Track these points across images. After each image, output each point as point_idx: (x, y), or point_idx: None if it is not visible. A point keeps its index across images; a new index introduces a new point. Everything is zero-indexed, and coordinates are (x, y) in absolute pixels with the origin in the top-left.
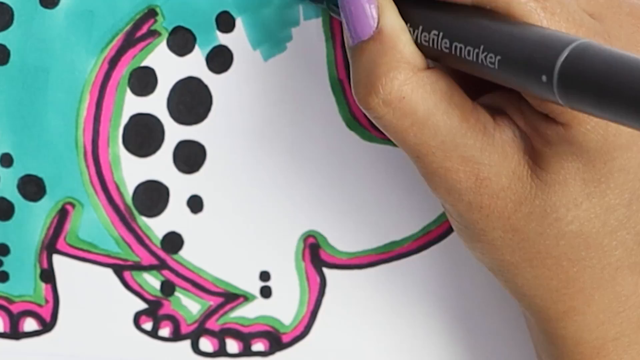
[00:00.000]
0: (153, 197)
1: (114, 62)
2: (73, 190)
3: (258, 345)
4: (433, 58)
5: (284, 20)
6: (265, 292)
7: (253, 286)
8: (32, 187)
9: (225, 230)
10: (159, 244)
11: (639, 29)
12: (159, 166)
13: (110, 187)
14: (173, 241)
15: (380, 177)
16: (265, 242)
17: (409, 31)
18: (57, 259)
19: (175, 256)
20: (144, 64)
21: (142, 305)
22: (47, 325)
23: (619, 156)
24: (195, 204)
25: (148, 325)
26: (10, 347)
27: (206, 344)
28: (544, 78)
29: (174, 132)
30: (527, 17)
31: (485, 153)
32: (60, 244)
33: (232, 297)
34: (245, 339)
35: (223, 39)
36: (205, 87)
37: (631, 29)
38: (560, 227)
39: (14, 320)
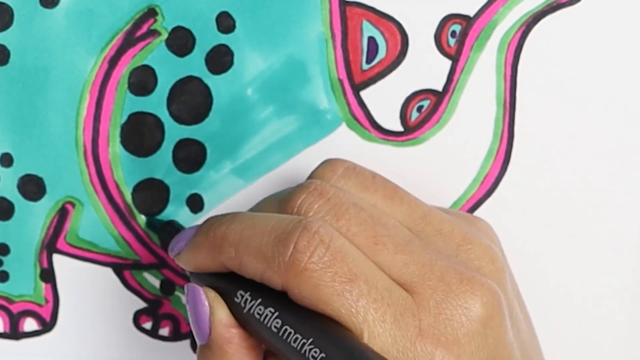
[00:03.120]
0: (153, 196)
1: (113, 61)
2: (73, 189)
3: None
4: (251, 332)
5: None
6: None
7: None
8: (32, 187)
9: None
10: (158, 243)
11: (447, 297)
12: (159, 165)
13: (110, 187)
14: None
15: None
16: None
17: (247, 299)
18: (57, 258)
19: None
20: (143, 63)
21: (142, 305)
22: (47, 325)
23: None
24: (195, 203)
25: (148, 325)
26: (10, 347)
27: None
28: None
29: (174, 131)
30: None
31: None
32: (60, 244)
33: None
34: None
35: (223, 39)
36: (206, 86)
37: (441, 295)
38: None
39: (14, 320)
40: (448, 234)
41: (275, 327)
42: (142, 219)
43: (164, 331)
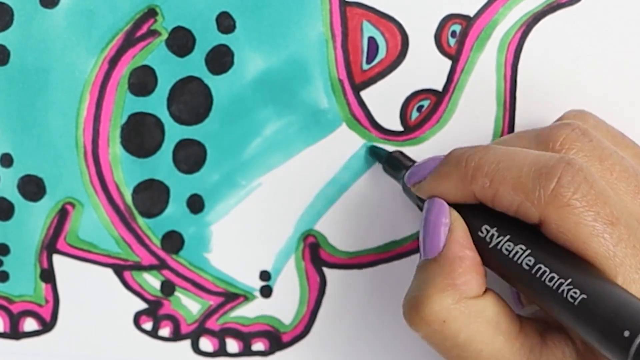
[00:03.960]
0: (153, 196)
1: (114, 61)
2: (73, 190)
3: (258, 345)
4: (499, 270)
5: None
6: (265, 292)
7: (253, 286)
8: (32, 187)
9: (225, 230)
10: (159, 244)
11: None
12: (159, 166)
13: (110, 187)
14: (173, 241)
15: (381, 177)
16: (265, 241)
17: (494, 235)
18: (57, 258)
19: (175, 256)
20: (144, 63)
21: (142, 305)
22: (47, 325)
23: None
24: (195, 204)
25: (148, 325)
26: (10, 347)
27: (206, 344)
28: (626, 333)
29: (174, 132)
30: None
31: None
32: (61, 244)
33: (232, 297)
34: (245, 338)
35: (223, 39)
36: (206, 87)
37: None
38: None
39: (14, 320)
40: None
41: (528, 264)
42: (141, 220)
43: (164, 332)
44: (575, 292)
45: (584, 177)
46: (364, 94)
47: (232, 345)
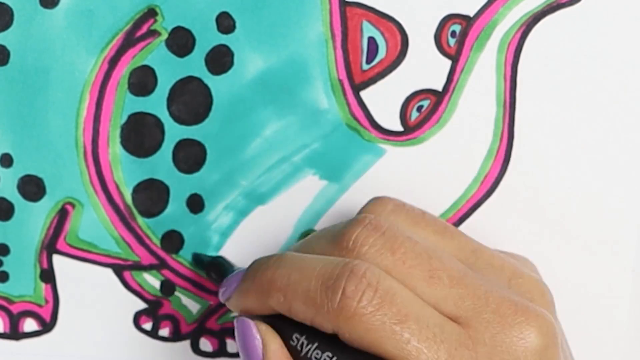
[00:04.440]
0: (153, 196)
1: (113, 61)
2: (73, 190)
3: None
4: None
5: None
6: None
7: None
8: (32, 187)
9: (225, 230)
10: (158, 244)
11: (503, 328)
12: (159, 166)
13: (110, 187)
14: (173, 241)
15: (381, 177)
16: (265, 241)
17: (303, 343)
18: (57, 259)
19: (175, 256)
20: (143, 63)
21: (142, 305)
22: (47, 325)
23: None
24: (195, 203)
25: (148, 325)
26: (10, 347)
27: (206, 344)
28: None
29: (174, 132)
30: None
31: None
32: (60, 244)
33: None
34: None
35: (223, 39)
36: (206, 87)
37: (497, 328)
38: None
39: (14, 321)
40: (499, 267)
41: None
42: (141, 220)
43: (164, 332)
44: None
45: (368, 283)
46: (363, 94)
47: (232, 346)
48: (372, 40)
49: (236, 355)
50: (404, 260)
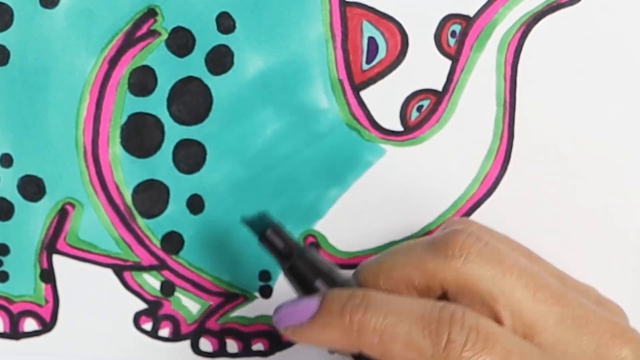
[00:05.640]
0: (153, 197)
1: (113, 62)
2: (73, 190)
3: (258, 345)
4: None
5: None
6: (265, 292)
7: (253, 286)
8: (32, 187)
9: (225, 231)
10: (158, 244)
11: (602, 349)
12: (159, 166)
13: (110, 187)
14: (173, 241)
15: (381, 177)
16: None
17: None
18: (57, 259)
19: (175, 256)
20: (143, 64)
21: (142, 306)
22: (47, 325)
23: None
24: (195, 204)
25: (148, 326)
26: (10, 347)
27: (206, 344)
28: None
29: (174, 132)
30: None
31: None
32: (60, 244)
33: (232, 297)
34: (245, 338)
35: (223, 39)
36: (206, 87)
37: (596, 352)
38: None
39: (14, 320)
40: (584, 292)
41: None
42: (141, 221)
43: (164, 332)
44: None
45: (470, 327)
46: (363, 94)
47: (232, 346)
48: (372, 40)
49: (236, 355)
50: (511, 271)
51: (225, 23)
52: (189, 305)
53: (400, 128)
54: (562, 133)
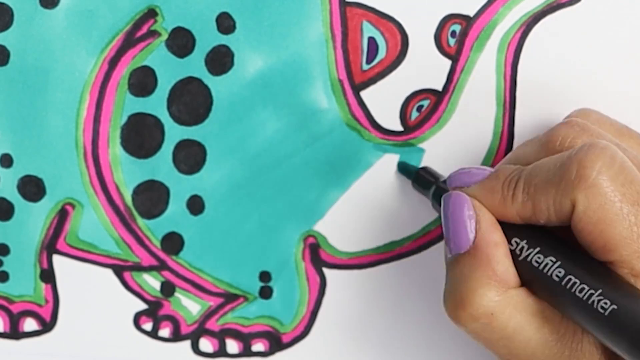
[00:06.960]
0: (153, 197)
1: (113, 62)
2: (73, 190)
3: (258, 346)
4: (528, 282)
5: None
6: (265, 292)
7: (253, 286)
8: (32, 188)
9: (225, 231)
10: (159, 245)
11: None
12: (159, 166)
13: (110, 188)
14: (173, 242)
15: (381, 177)
16: (265, 242)
17: (524, 247)
18: (57, 259)
19: (175, 257)
20: (143, 64)
21: (142, 306)
22: (47, 325)
23: None
24: (195, 204)
25: (148, 326)
26: (10, 347)
27: (206, 344)
28: None
29: (174, 132)
30: None
31: (573, 359)
32: (60, 244)
33: (232, 298)
34: (245, 339)
35: (223, 39)
36: (206, 87)
37: None
38: None
39: (14, 320)
40: None
41: (558, 276)
42: (141, 221)
43: (164, 332)
44: (605, 303)
45: (609, 155)
46: (363, 94)
47: (232, 346)
48: (372, 40)
49: (236, 355)
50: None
51: (225, 23)
52: (189, 305)
53: (400, 128)
54: None
